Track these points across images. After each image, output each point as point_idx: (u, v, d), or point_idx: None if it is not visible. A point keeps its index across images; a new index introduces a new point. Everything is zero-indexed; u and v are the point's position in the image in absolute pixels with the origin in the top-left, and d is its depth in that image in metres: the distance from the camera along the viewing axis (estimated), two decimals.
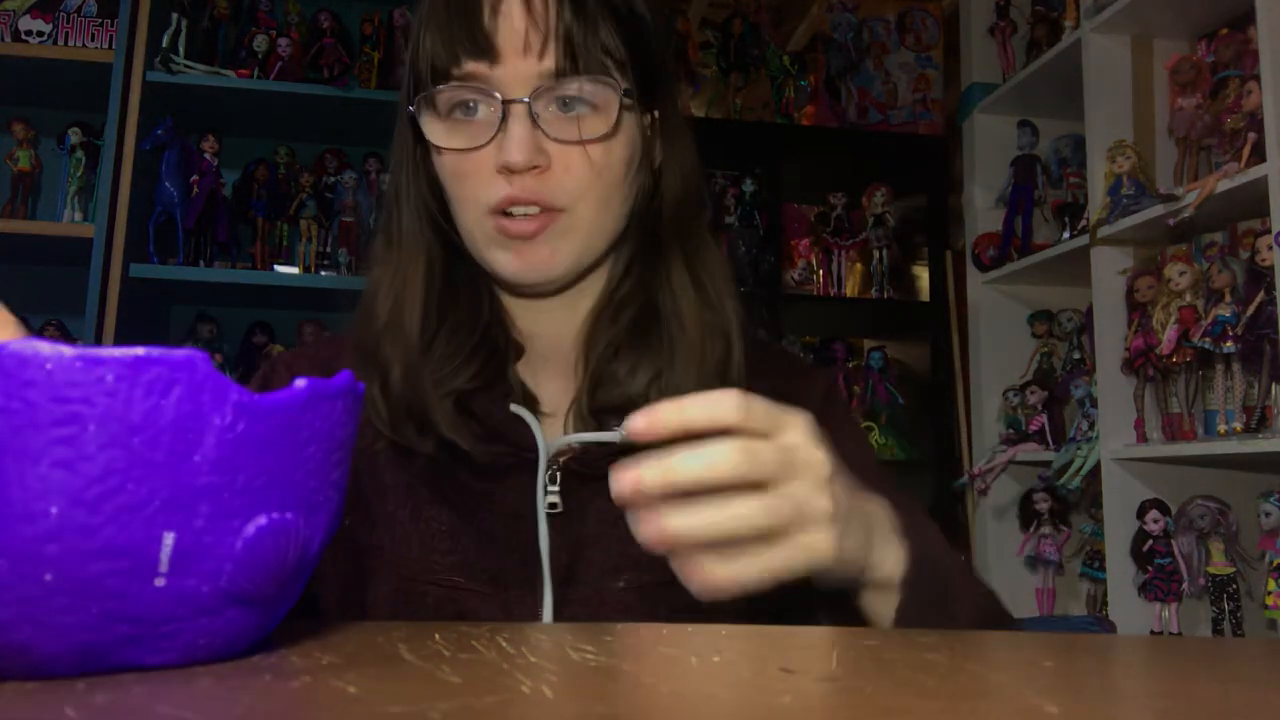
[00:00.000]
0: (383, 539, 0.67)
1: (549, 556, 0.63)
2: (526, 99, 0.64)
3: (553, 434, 0.69)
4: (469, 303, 0.71)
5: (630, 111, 0.68)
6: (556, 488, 0.67)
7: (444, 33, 0.65)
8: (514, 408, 0.67)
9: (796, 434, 0.47)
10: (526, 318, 0.73)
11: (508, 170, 0.64)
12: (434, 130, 0.67)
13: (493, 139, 0.64)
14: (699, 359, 0.68)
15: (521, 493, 0.66)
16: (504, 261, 0.67)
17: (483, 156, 0.65)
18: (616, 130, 0.66)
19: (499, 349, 0.70)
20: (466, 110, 0.66)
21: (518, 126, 0.64)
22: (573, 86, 0.65)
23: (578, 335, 0.72)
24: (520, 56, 0.64)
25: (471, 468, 0.68)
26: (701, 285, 0.71)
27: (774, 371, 0.74)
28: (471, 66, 0.64)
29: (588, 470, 0.67)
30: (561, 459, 0.68)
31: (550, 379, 0.72)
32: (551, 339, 0.73)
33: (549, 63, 0.64)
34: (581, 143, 0.65)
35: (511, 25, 0.64)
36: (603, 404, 0.68)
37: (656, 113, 0.72)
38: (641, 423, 0.45)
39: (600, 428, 0.67)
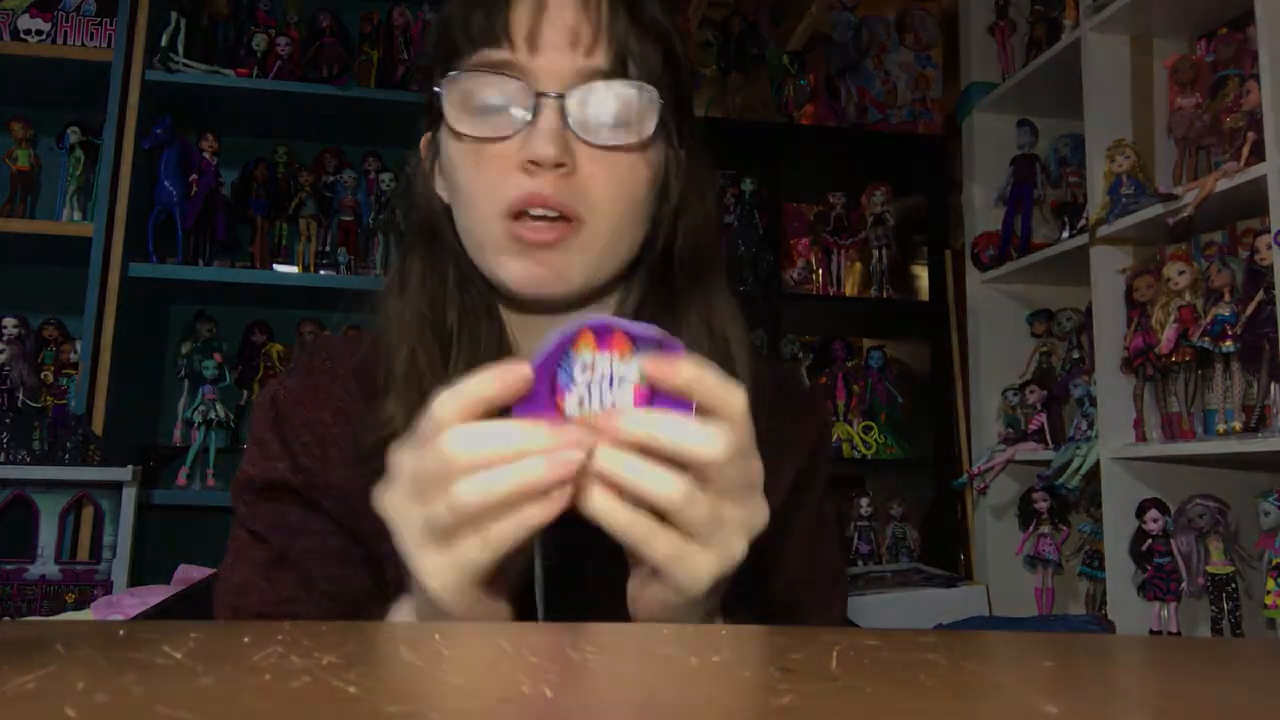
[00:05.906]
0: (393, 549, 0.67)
1: (543, 588, 0.61)
2: (561, 94, 0.61)
3: None
4: (473, 322, 0.68)
5: (661, 136, 0.65)
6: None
7: (484, 14, 0.62)
8: None
9: (758, 473, 0.49)
10: (527, 338, 0.69)
11: (533, 165, 0.60)
12: (457, 115, 0.63)
13: (518, 132, 0.61)
14: None
15: None
16: (516, 270, 0.63)
17: (505, 149, 0.62)
18: (649, 144, 0.64)
19: None
20: (493, 98, 0.62)
21: (549, 120, 0.60)
22: (617, 88, 0.62)
23: None
24: (564, 50, 0.62)
25: None
26: (714, 332, 0.69)
27: (777, 402, 0.72)
28: (508, 54, 0.62)
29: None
30: None
31: None
32: None
33: (598, 60, 0.62)
34: (613, 148, 0.62)
35: (563, 17, 0.62)
36: None
37: (683, 153, 0.69)
38: (654, 369, 0.46)
39: None
